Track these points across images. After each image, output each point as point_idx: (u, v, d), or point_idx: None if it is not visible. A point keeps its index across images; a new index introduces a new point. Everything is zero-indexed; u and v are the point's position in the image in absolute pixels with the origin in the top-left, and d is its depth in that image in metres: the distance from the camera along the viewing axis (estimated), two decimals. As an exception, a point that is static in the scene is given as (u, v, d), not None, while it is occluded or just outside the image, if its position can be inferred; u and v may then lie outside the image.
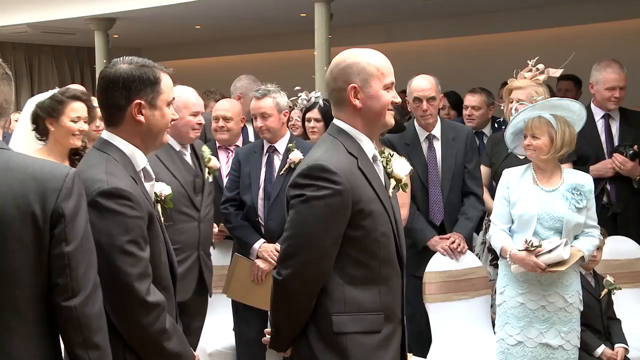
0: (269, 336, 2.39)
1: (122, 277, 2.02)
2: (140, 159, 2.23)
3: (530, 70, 3.96)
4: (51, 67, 12.13)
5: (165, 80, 2.23)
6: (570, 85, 6.20)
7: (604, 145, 4.56)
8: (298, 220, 2.21)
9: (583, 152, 4.38)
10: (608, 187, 4.52)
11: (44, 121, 3.41)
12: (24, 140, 3.51)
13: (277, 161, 4.05)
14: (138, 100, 2.18)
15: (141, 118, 2.19)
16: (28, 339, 1.79)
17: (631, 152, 4.40)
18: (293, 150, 4.02)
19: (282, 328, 2.31)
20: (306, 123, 4.42)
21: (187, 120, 3.61)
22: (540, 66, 3.92)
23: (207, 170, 3.78)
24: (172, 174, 3.52)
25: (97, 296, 1.85)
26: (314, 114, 4.35)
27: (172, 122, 2.32)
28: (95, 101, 3.06)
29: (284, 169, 4.00)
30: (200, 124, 3.67)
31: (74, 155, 3.45)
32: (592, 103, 4.60)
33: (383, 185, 2.37)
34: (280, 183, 3.97)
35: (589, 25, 7.72)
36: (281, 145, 4.05)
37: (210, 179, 3.81)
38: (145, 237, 2.09)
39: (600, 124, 4.58)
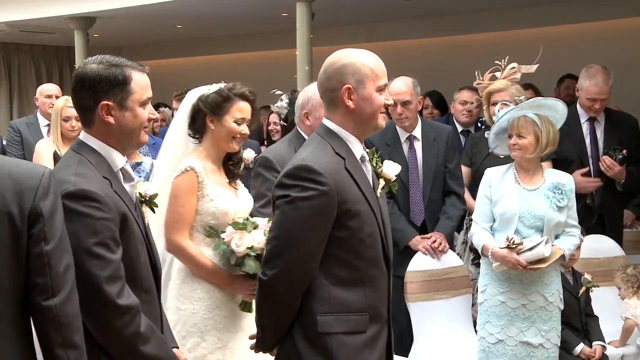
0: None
1: (91, 279, 1.99)
2: (117, 159, 2.20)
3: (498, 71, 3.98)
4: (30, 67, 12.02)
5: (138, 79, 2.17)
6: (576, 84, 6.26)
7: (588, 149, 4.59)
8: (283, 221, 2.20)
9: (567, 154, 4.43)
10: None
11: (205, 117, 3.04)
12: (178, 139, 3.18)
13: None
14: (105, 102, 2.14)
15: (110, 119, 2.15)
16: (5, 339, 1.77)
17: (620, 156, 4.44)
18: (245, 150, 3.99)
19: (268, 328, 2.30)
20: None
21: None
22: (514, 65, 3.95)
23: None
24: None
25: (75, 295, 1.84)
26: None
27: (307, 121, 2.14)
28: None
29: (241, 169, 3.98)
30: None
31: (229, 161, 3.12)
32: (577, 104, 4.63)
33: (371, 185, 2.37)
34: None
35: (574, 25, 7.78)
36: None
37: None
38: (115, 239, 2.06)
39: (585, 127, 4.60)
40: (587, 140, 4.59)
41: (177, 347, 2.41)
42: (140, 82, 2.18)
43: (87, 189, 2.03)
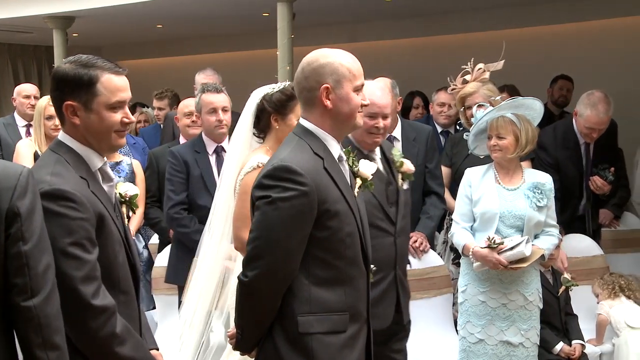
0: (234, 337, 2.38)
1: (66, 280, 1.97)
2: (95, 159, 2.18)
3: (468, 73, 4.00)
4: (7, 66, 11.89)
5: (107, 81, 2.14)
6: (570, 85, 6.35)
7: (584, 168, 4.69)
8: (264, 222, 2.20)
9: (572, 179, 4.52)
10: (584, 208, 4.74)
11: (269, 116, 3.03)
12: (245, 138, 3.13)
13: None
14: (68, 102, 2.13)
15: (76, 120, 2.13)
16: None
17: (610, 176, 4.59)
18: None
19: (248, 329, 2.30)
20: None
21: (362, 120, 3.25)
22: (480, 65, 3.97)
23: (400, 175, 3.31)
24: None
25: (56, 295, 1.83)
26: None
27: None
28: None
29: None
30: (377, 127, 3.14)
31: None
32: (575, 127, 4.55)
33: (349, 185, 2.38)
34: None
35: (565, 25, 7.82)
36: (226, 144, 3.99)
37: (406, 186, 3.33)
38: (91, 239, 2.04)
39: (583, 147, 4.64)
40: (584, 161, 4.67)
41: (157, 349, 2.39)
42: (108, 85, 2.14)
43: (62, 188, 2.02)
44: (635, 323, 4.11)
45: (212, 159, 3.99)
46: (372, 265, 2.67)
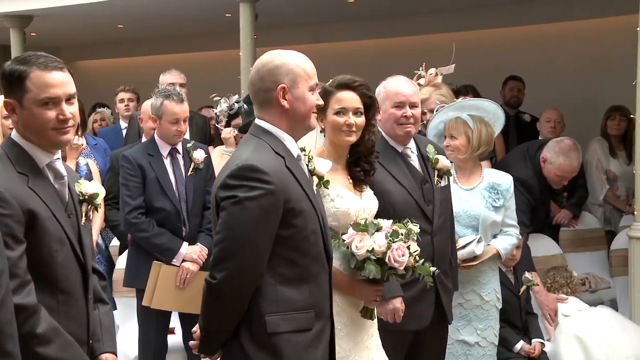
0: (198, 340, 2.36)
1: None
2: (41, 156, 2.16)
3: (422, 77, 4.03)
4: (-37, 66, 11.65)
5: (36, 77, 2.11)
6: (521, 85, 6.44)
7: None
8: (230, 222, 2.19)
9: (541, 216, 4.63)
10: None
11: (321, 121, 2.83)
12: (316, 139, 2.97)
13: (182, 163, 4.00)
14: (6, 100, 2.12)
15: (14, 117, 2.14)
16: None
17: (564, 202, 5.07)
18: (195, 150, 4.01)
19: (215, 332, 2.27)
20: (233, 131, 4.39)
21: (390, 112, 3.18)
22: (432, 70, 4.00)
23: (436, 172, 3.25)
24: (397, 181, 3.12)
25: (9, 301, 1.78)
26: (240, 120, 4.35)
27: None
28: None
29: (191, 169, 3.97)
30: (405, 116, 3.15)
31: (356, 167, 2.86)
32: (545, 175, 4.44)
33: (309, 183, 2.40)
34: (191, 184, 3.96)
35: (517, 28, 7.93)
36: (180, 146, 4.02)
37: (443, 183, 3.27)
38: (13, 236, 2.01)
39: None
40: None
41: (114, 352, 2.35)
42: (38, 81, 2.11)
43: None
44: (568, 311, 4.25)
45: (167, 162, 3.98)
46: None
